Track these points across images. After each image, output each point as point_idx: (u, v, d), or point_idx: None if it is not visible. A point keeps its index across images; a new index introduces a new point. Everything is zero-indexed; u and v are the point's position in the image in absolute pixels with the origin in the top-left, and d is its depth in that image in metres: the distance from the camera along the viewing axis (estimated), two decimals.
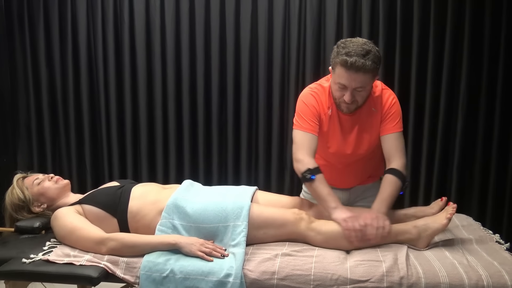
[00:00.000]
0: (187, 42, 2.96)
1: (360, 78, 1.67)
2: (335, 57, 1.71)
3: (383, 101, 1.84)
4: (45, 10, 3.01)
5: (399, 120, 1.84)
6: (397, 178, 1.76)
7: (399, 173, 1.77)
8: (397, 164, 1.79)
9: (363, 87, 1.71)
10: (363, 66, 1.64)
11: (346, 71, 1.67)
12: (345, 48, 1.68)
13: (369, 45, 1.70)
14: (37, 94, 3.11)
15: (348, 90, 1.70)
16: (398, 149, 1.82)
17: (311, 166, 1.76)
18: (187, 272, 1.52)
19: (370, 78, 1.71)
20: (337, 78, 1.71)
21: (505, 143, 2.79)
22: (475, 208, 2.82)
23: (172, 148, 3.07)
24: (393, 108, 1.83)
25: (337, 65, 1.70)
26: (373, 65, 1.67)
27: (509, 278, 1.45)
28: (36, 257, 1.59)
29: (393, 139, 1.82)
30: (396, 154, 1.81)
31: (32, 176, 1.89)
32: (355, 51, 1.65)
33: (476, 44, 2.74)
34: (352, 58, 1.64)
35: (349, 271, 1.51)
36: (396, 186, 1.76)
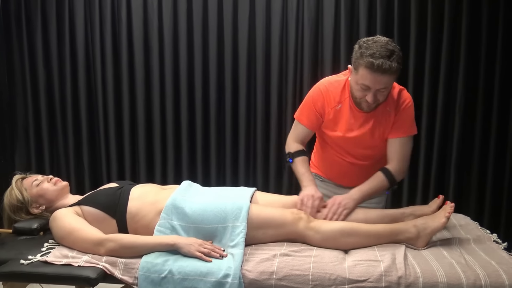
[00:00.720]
0: (184, 43, 2.96)
1: (385, 80, 1.67)
2: (359, 58, 1.68)
3: (399, 103, 1.83)
4: (43, 11, 3.02)
5: (410, 124, 1.85)
6: (385, 177, 1.82)
7: (389, 173, 1.82)
8: (392, 167, 1.83)
9: (386, 88, 1.71)
10: (389, 69, 1.63)
11: (371, 73, 1.65)
12: (369, 49, 1.65)
13: (392, 45, 1.68)
14: (35, 95, 3.11)
15: (372, 91, 1.70)
16: (398, 154, 1.84)
17: (292, 150, 1.93)
18: (185, 272, 1.52)
19: (394, 78, 1.72)
20: (361, 79, 1.70)
21: (503, 142, 2.81)
22: (473, 208, 2.83)
23: (170, 149, 3.08)
24: (408, 110, 1.83)
25: (361, 67, 1.68)
26: (398, 66, 1.66)
27: (506, 277, 1.45)
28: (34, 258, 1.59)
29: (399, 143, 1.84)
30: (394, 158, 1.84)
31: (31, 177, 1.88)
32: (380, 53, 1.63)
33: (473, 44, 2.75)
34: (378, 60, 1.62)
35: (347, 271, 1.51)
36: (380, 183, 1.82)
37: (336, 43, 2.83)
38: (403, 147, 1.84)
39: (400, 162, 1.83)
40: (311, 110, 1.90)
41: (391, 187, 1.83)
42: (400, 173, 1.83)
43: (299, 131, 1.95)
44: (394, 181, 1.82)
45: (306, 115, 1.92)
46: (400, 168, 1.83)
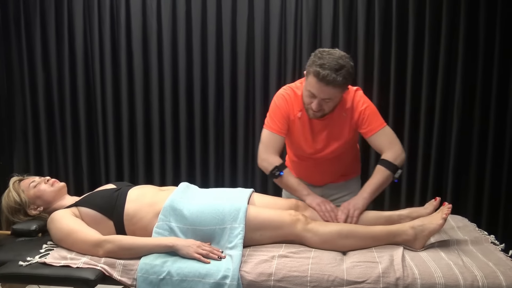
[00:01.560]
0: (183, 45, 2.97)
1: (329, 91, 1.74)
2: (310, 66, 1.76)
3: (354, 107, 1.89)
4: (42, 13, 3.02)
5: (377, 117, 1.91)
6: (385, 168, 1.85)
7: (388, 163, 1.85)
8: (388, 155, 1.86)
9: (331, 99, 1.78)
10: (333, 81, 1.70)
11: (317, 81, 1.72)
12: (320, 59, 1.72)
13: (344, 60, 1.74)
14: (34, 97, 3.11)
15: (317, 99, 1.77)
16: (386, 143, 1.89)
17: (277, 163, 1.90)
18: (184, 274, 1.53)
19: (339, 91, 1.78)
20: (308, 86, 1.78)
21: (500, 144, 2.82)
22: (471, 210, 2.84)
23: (168, 151, 3.08)
24: (366, 111, 1.89)
25: (310, 74, 1.76)
26: (343, 80, 1.72)
27: (504, 278, 1.46)
28: (33, 260, 1.59)
29: (379, 136, 1.89)
30: (386, 147, 1.88)
31: (28, 179, 1.88)
32: (329, 65, 1.70)
33: (471, 46, 2.76)
34: (324, 71, 1.69)
35: (346, 272, 1.52)
36: (383, 175, 1.85)
37: (334, 45, 2.84)
38: (384, 137, 1.89)
39: (392, 148, 1.87)
40: (280, 117, 1.92)
41: (394, 174, 1.86)
42: (397, 157, 1.86)
43: (275, 141, 1.93)
44: (394, 167, 1.85)
45: (277, 122, 1.93)
46: (395, 153, 1.86)
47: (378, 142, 1.89)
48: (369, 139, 1.91)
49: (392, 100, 2.86)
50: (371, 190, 1.84)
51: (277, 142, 1.93)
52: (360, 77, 2.85)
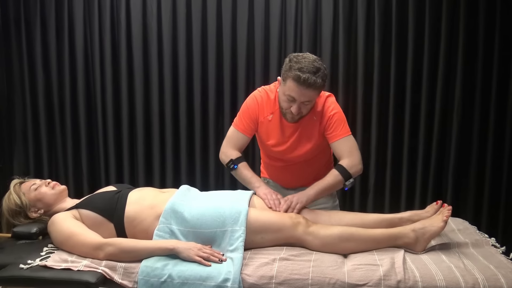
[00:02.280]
0: (184, 47, 2.97)
1: (309, 93, 1.80)
2: (288, 71, 1.80)
3: (324, 111, 1.96)
4: (42, 14, 3.02)
5: (343, 125, 1.96)
6: (339, 172, 1.91)
7: (342, 168, 1.91)
8: (345, 162, 1.92)
9: (310, 101, 1.85)
10: (314, 83, 1.77)
11: (297, 85, 1.78)
12: (297, 63, 1.78)
13: (319, 63, 1.81)
14: (34, 98, 3.11)
15: (296, 103, 1.83)
16: (345, 151, 1.94)
17: (233, 157, 2.00)
18: (185, 277, 1.52)
19: (317, 93, 1.86)
20: (287, 91, 1.82)
21: (500, 147, 2.82)
22: (471, 212, 2.84)
23: (169, 153, 3.08)
24: (334, 117, 1.95)
25: (289, 78, 1.80)
26: (322, 82, 1.80)
27: (505, 281, 1.46)
28: (33, 263, 1.59)
29: (341, 144, 1.95)
30: (344, 155, 1.93)
31: (29, 182, 1.88)
32: (307, 68, 1.76)
33: (471, 47, 2.77)
34: (304, 74, 1.75)
35: (347, 275, 1.52)
36: (335, 178, 1.91)
37: (334, 47, 2.85)
38: (345, 145, 1.95)
39: (349, 157, 1.93)
40: (248, 117, 2.01)
41: (346, 181, 1.91)
42: (352, 166, 1.91)
43: (237, 138, 2.03)
44: (348, 175, 1.91)
45: (243, 122, 2.01)
46: (351, 162, 1.92)
47: (339, 149, 1.95)
48: (332, 144, 1.97)
49: (392, 102, 2.87)
50: (319, 190, 1.90)
51: (239, 140, 2.03)
52: (360, 79, 2.85)
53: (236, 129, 2.04)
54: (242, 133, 2.02)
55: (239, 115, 2.05)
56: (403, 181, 2.90)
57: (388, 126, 2.88)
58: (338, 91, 2.85)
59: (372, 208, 2.92)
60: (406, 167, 2.89)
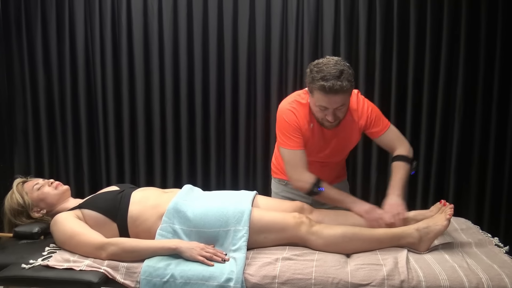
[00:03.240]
0: (185, 47, 2.97)
1: (339, 99, 1.75)
2: (311, 83, 1.76)
3: (360, 111, 1.93)
4: (43, 13, 3.01)
5: (383, 118, 1.97)
6: (404, 162, 1.90)
7: (403, 157, 1.91)
8: (401, 151, 1.93)
9: (343, 104, 1.80)
10: (340, 88, 1.71)
11: (325, 95, 1.73)
12: (319, 73, 1.72)
13: (341, 64, 1.75)
14: (34, 98, 3.10)
15: (330, 110, 1.78)
16: (396, 140, 1.96)
17: (313, 180, 1.85)
18: (187, 277, 1.52)
19: (348, 95, 1.80)
20: (317, 102, 1.78)
21: (502, 147, 2.82)
22: (473, 213, 2.83)
23: (170, 153, 3.07)
24: (372, 114, 1.94)
25: (314, 90, 1.76)
26: (348, 84, 1.74)
27: (509, 281, 1.46)
28: (35, 263, 1.58)
29: (388, 135, 1.96)
30: (396, 144, 1.95)
31: (32, 181, 1.87)
32: (330, 74, 1.70)
33: (472, 47, 2.77)
34: (329, 82, 1.69)
35: (350, 275, 1.51)
36: (404, 168, 1.89)
37: (336, 47, 2.84)
38: (393, 135, 1.96)
39: (402, 144, 1.95)
40: (295, 132, 1.87)
41: (411, 166, 1.92)
42: (408, 150, 1.94)
43: (300, 157, 1.87)
44: (409, 159, 1.92)
45: (294, 139, 1.87)
46: (405, 147, 1.95)
47: (387, 141, 1.96)
48: (378, 139, 1.96)
49: (393, 102, 2.86)
50: (400, 187, 1.86)
51: (302, 158, 1.87)
52: (361, 79, 2.85)
53: (292, 149, 1.87)
54: (299, 149, 1.87)
55: (283, 134, 1.89)
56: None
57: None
58: None
59: None
60: None
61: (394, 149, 1.95)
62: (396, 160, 1.91)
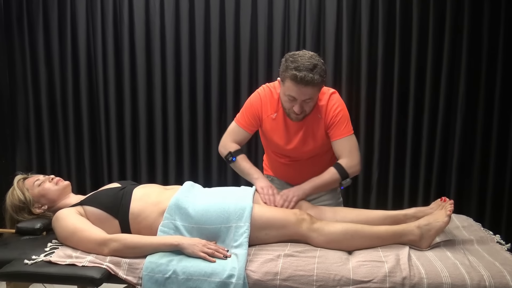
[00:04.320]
0: (186, 44, 2.97)
1: (308, 91, 1.78)
2: (285, 71, 1.79)
3: (328, 109, 1.94)
4: (44, 10, 3.02)
5: (346, 124, 1.95)
6: (336, 171, 1.91)
7: (340, 167, 1.91)
8: (343, 162, 1.92)
9: (311, 98, 1.83)
10: (311, 80, 1.74)
11: (295, 85, 1.76)
12: (294, 63, 1.76)
13: (316, 59, 1.79)
14: (36, 95, 3.11)
15: (298, 102, 1.81)
16: (346, 151, 1.94)
17: (232, 149, 2.01)
18: (189, 273, 1.52)
19: (317, 90, 1.83)
20: (287, 91, 1.81)
21: (504, 144, 2.82)
22: (474, 210, 2.84)
23: (171, 150, 3.08)
24: (338, 115, 1.93)
25: (286, 79, 1.79)
26: (320, 78, 1.77)
27: (511, 278, 1.45)
28: (38, 258, 1.58)
29: (342, 143, 1.94)
30: (344, 155, 1.93)
31: (33, 177, 1.87)
32: (304, 66, 1.74)
33: (475, 44, 2.77)
34: (301, 72, 1.73)
35: (352, 272, 1.51)
36: (332, 176, 1.91)
37: (338, 45, 2.84)
38: (346, 145, 1.94)
39: (349, 157, 1.93)
40: (250, 114, 2.00)
41: (342, 180, 1.92)
42: (351, 167, 1.92)
43: (238, 133, 2.04)
44: (345, 174, 1.91)
45: (245, 119, 2.01)
46: (350, 162, 1.92)
47: (339, 148, 1.95)
48: (333, 142, 1.96)
49: (395, 99, 2.86)
50: (315, 185, 1.90)
51: (239, 135, 2.03)
52: (363, 75, 2.85)
53: (238, 124, 2.04)
54: (243, 129, 2.03)
55: (242, 111, 2.05)
56: (406, 178, 2.90)
57: (392, 123, 2.88)
58: (342, 87, 2.84)
59: (374, 205, 2.92)
60: (409, 165, 2.88)
61: (339, 158, 1.94)
62: (333, 166, 1.92)
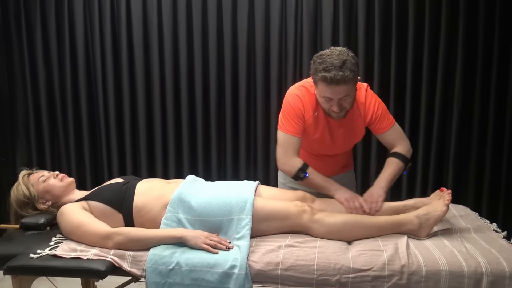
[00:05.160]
0: (184, 40, 2.98)
1: (342, 89, 1.74)
2: (315, 74, 1.76)
3: (367, 106, 1.93)
4: (42, 9, 3.02)
5: (388, 115, 1.97)
6: (399, 160, 1.92)
7: (400, 155, 1.93)
8: (399, 149, 1.95)
9: (348, 95, 1.79)
10: (342, 79, 1.70)
11: (328, 86, 1.73)
12: (322, 64, 1.73)
13: (344, 54, 1.74)
14: (35, 92, 3.12)
15: (335, 101, 1.78)
16: (398, 138, 1.97)
17: (299, 165, 1.88)
18: (193, 264, 1.55)
19: (352, 85, 1.78)
20: (322, 93, 1.79)
21: (500, 136, 2.85)
22: (471, 199, 2.87)
23: (171, 145, 3.10)
24: (379, 110, 1.94)
25: (318, 81, 1.77)
26: (351, 74, 1.72)
27: (507, 264, 1.49)
28: (43, 252, 1.61)
29: (390, 133, 1.96)
30: (397, 143, 1.96)
31: (38, 173, 1.90)
32: (332, 64, 1.70)
33: (471, 40, 2.79)
34: (330, 73, 1.70)
35: (352, 261, 1.54)
36: (397, 166, 1.92)
37: (334, 41, 2.86)
38: (395, 133, 1.97)
39: (402, 143, 1.97)
40: (295, 117, 1.90)
41: (406, 166, 1.95)
42: (407, 150, 1.96)
43: (293, 143, 1.90)
44: (406, 160, 1.94)
45: (293, 124, 1.90)
46: (405, 146, 1.96)
47: (389, 138, 1.97)
48: (380, 135, 1.97)
49: (392, 93, 2.89)
50: (388, 181, 1.90)
51: (295, 144, 1.90)
52: (360, 72, 2.86)
53: (288, 133, 1.90)
54: (295, 135, 1.90)
55: (285, 118, 1.91)
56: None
57: None
58: None
59: None
60: None
61: (394, 147, 1.96)
62: (392, 156, 1.93)
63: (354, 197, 1.84)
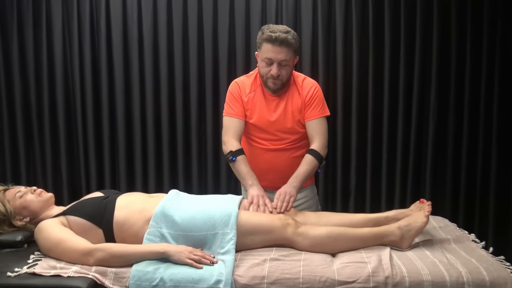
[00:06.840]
0: (165, 54, 2.97)
1: (284, 51, 1.92)
2: (261, 37, 1.96)
3: (305, 88, 2.07)
4: (19, 20, 2.96)
5: (322, 106, 2.08)
6: (314, 158, 2.01)
7: (316, 153, 2.02)
8: (316, 145, 2.04)
9: (287, 60, 1.95)
10: (286, 39, 1.90)
11: (271, 45, 1.92)
12: (269, 28, 1.95)
13: (289, 28, 1.97)
14: (10, 104, 3.04)
15: (274, 63, 1.94)
16: (319, 132, 2.05)
17: (233, 148, 2.02)
18: (177, 280, 1.53)
19: (292, 53, 1.97)
20: (264, 54, 1.95)
21: (473, 148, 2.93)
22: (448, 211, 2.92)
23: (151, 158, 3.06)
24: (315, 94, 2.07)
25: (263, 43, 1.95)
26: (293, 40, 1.94)
27: (486, 273, 1.54)
28: (21, 270, 1.56)
29: (315, 124, 2.06)
30: (316, 136, 2.05)
31: (14, 189, 1.84)
32: (278, 29, 1.93)
33: (444, 59, 2.89)
34: (276, 33, 1.91)
35: (336, 273, 1.56)
36: (312, 164, 2.01)
37: (314, 46, 2.90)
38: (318, 126, 2.06)
39: (321, 139, 2.05)
40: (234, 100, 2.08)
41: (320, 164, 2.03)
42: (323, 148, 2.05)
43: (234, 125, 2.06)
44: (321, 157, 2.03)
45: (232, 107, 2.08)
46: (323, 144, 2.05)
47: (312, 129, 2.05)
48: (307, 123, 2.06)
49: (370, 109, 2.93)
50: (301, 178, 1.98)
51: (236, 126, 2.06)
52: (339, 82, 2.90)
53: (229, 116, 2.08)
54: (236, 117, 2.07)
55: (226, 103, 2.11)
56: (383, 183, 2.97)
57: (367, 130, 2.95)
58: None
59: (353, 209, 2.97)
60: (386, 170, 2.96)
61: (311, 139, 2.05)
62: (308, 153, 2.02)
63: (261, 196, 1.90)
